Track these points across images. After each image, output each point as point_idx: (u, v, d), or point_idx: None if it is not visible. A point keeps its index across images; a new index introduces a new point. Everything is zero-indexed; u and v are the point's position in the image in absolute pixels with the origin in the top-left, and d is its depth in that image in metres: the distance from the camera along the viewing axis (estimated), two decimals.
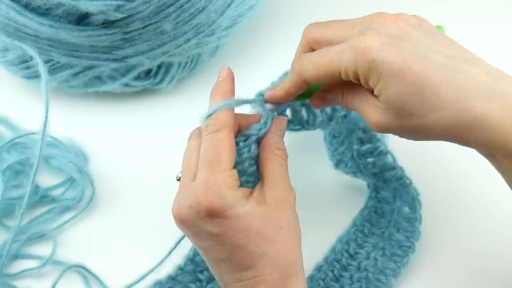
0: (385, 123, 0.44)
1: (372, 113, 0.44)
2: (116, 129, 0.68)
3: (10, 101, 0.70)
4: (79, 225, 0.61)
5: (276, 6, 0.77)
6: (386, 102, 0.42)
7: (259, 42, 0.74)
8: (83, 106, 0.69)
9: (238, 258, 0.46)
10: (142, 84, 0.67)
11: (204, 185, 0.44)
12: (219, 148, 0.46)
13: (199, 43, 0.65)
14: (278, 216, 0.46)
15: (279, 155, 0.48)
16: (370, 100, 0.44)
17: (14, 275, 0.58)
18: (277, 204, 0.46)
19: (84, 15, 0.59)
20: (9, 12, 0.59)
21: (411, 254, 0.57)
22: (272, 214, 0.46)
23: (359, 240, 0.59)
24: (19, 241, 0.59)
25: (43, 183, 0.63)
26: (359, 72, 0.42)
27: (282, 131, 0.50)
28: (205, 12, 0.62)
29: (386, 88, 0.41)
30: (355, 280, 0.56)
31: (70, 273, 0.58)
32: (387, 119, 0.43)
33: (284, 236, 0.46)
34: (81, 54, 0.63)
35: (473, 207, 0.62)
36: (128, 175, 0.64)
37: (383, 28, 0.43)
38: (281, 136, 0.50)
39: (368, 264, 0.57)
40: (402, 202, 0.59)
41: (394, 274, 0.56)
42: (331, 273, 0.57)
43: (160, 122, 0.68)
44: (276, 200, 0.46)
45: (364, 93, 0.45)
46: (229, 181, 0.45)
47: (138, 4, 0.58)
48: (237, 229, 0.45)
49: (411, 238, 0.57)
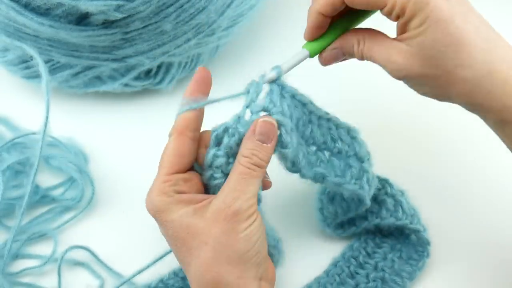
0: (409, 68, 0.44)
1: (396, 56, 0.45)
2: (116, 129, 0.68)
3: (10, 101, 0.70)
4: (79, 225, 0.61)
5: (276, 6, 0.77)
6: (419, 46, 0.43)
7: (259, 42, 0.74)
8: (83, 106, 0.69)
9: (178, 260, 0.47)
10: (142, 84, 0.67)
11: (150, 187, 0.46)
12: (164, 153, 0.47)
13: (199, 43, 0.65)
14: (207, 230, 0.43)
15: (242, 162, 0.44)
16: (394, 44, 0.45)
17: (15, 274, 0.58)
18: (213, 217, 0.43)
19: (84, 15, 0.59)
20: (9, 12, 0.59)
21: (426, 259, 0.56)
22: (202, 226, 0.43)
23: (377, 240, 0.58)
24: (19, 240, 0.59)
25: (43, 183, 0.63)
26: (408, 7, 0.43)
27: (264, 135, 0.45)
28: (205, 12, 0.62)
29: (426, 32, 0.43)
30: (371, 279, 0.56)
31: (72, 267, 0.59)
32: (412, 64, 0.44)
33: (206, 251, 0.43)
34: (81, 54, 0.63)
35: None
36: (128, 175, 0.64)
37: None
38: (260, 140, 0.45)
39: (385, 264, 0.57)
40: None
41: (410, 277, 0.56)
42: (347, 269, 0.57)
43: (160, 122, 0.68)
44: (213, 212, 0.43)
45: (385, 38, 0.46)
46: (161, 187, 0.45)
47: (138, 4, 0.58)
48: (167, 234, 0.45)
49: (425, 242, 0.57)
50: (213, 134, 0.47)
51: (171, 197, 0.45)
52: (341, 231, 0.59)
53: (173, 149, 0.46)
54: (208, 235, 0.43)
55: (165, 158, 0.46)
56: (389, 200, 0.56)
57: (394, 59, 0.45)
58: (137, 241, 0.60)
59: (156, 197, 0.45)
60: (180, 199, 0.45)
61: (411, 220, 0.56)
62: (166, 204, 0.45)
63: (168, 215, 0.44)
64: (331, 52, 0.49)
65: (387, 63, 0.45)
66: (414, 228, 0.56)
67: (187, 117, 0.47)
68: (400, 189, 0.57)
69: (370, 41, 0.47)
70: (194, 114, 0.47)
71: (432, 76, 0.44)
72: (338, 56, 0.49)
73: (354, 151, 0.52)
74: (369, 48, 0.47)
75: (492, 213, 0.61)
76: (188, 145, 0.47)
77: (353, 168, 0.51)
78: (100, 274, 0.58)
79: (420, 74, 0.44)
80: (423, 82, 0.45)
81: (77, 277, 0.58)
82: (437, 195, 0.62)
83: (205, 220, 0.43)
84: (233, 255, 0.43)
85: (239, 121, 0.46)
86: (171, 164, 0.46)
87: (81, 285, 0.57)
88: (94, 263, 0.59)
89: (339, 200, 0.56)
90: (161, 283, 0.57)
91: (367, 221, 0.57)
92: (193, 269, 0.44)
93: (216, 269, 0.43)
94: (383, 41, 0.46)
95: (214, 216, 0.43)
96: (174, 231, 0.44)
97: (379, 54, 0.46)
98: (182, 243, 0.44)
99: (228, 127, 0.46)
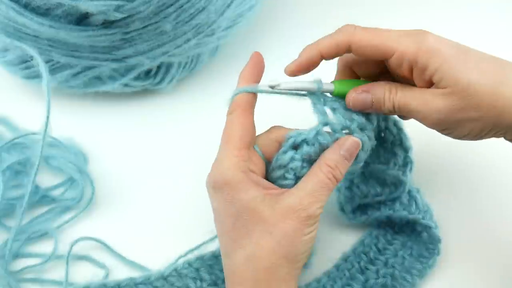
0: (450, 107, 0.44)
1: (434, 102, 0.45)
2: (116, 129, 0.68)
3: (10, 101, 0.70)
4: (79, 225, 0.61)
5: (276, 6, 0.77)
6: (451, 83, 0.43)
7: (259, 42, 0.74)
8: (83, 106, 0.69)
9: (223, 242, 0.47)
10: (142, 84, 0.67)
11: (216, 159, 0.47)
12: (230, 128, 0.47)
13: (199, 43, 0.65)
14: (275, 221, 0.44)
15: (325, 171, 0.46)
16: (426, 91, 0.45)
17: (17, 272, 0.58)
18: (284, 212, 0.44)
19: (84, 15, 0.59)
20: (9, 12, 0.59)
21: (436, 256, 0.56)
22: (269, 216, 0.44)
23: (388, 237, 0.59)
24: (19, 240, 0.59)
25: (43, 183, 0.63)
26: (420, 54, 0.44)
27: (348, 152, 0.47)
28: (205, 12, 0.62)
29: (449, 70, 0.43)
30: (381, 275, 0.56)
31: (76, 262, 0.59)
32: (452, 102, 0.44)
33: (268, 241, 0.44)
34: (81, 54, 0.63)
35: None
36: (128, 175, 0.64)
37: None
38: (343, 156, 0.46)
39: (396, 261, 0.57)
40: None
41: (420, 275, 0.56)
42: (357, 264, 0.57)
43: (160, 122, 0.69)
44: (286, 208, 0.44)
45: (416, 87, 0.46)
46: (234, 160, 0.45)
47: (138, 4, 0.58)
48: (227, 210, 0.45)
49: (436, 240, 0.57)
50: (290, 139, 0.48)
51: (245, 173, 0.45)
52: (352, 216, 0.59)
53: (241, 124, 0.47)
54: (274, 226, 0.44)
55: (234, 133, 0.46)
56: (404, 194, 0.56)
57: (430, 100, 0.45)
58: (137, 241, 0.60)
59: (228, 170, 0.45)
60: (253, 179, 0.45)
61: (424, 215, 0.56)
62: (239, 180, 0.45)
63: (239, 192, 0.44)
64: (360, 94, 0.48)
65: (423, 107, 0.45)
66: (426, 223, 0.56)
67: (243, 96, 0.48)
68: (416, 187, 0.58)
69: (402, 88, 0.47)
70: (253, 95, 0.48)
71: (475, 105, 0.44)
72: (366, 101, 0.48)
73: (400, 141, 0.54)
74: (402, 95, 0.46)
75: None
76: (252, 121, 0.48)
77: (398, 156, 0.54)
78: (105, 264, 0.58)
79: (461, 109, 0.44)
80: (467, 115, 0.44)
81: (80, 271, 0.58)
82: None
83: (274, 210, 0.44)
84: (292, 252, 0.44)
85: (319, 133, 0.48)
86: (241, 139, 0.46)
87: (85, 278, 0.57)
88: (97, 256, 0.59)
89: (374, 182, 0.57)
90: (174, 272, 0.57)
91: (380, 211, 0.57)
92: (248, 253, 0.44)
93: (273, 259, 0.44)
94: (415, 88, 0.46)
95: (285, 212, 0.44)
96: (238, 210, 0.44)
97: (413, 99, 0.46)
98: (243, 223, 0.44)
99: (307, 139, 0.48)
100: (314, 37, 0.49)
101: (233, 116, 0.47)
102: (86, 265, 0.59)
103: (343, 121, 0.48)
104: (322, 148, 0.48)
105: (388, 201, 0.57)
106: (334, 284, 0.57)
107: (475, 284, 0.57)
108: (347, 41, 0.46)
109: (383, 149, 0.55)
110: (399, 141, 0.54)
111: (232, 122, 0.47)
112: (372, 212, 0.58)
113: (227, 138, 0.47)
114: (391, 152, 0.54)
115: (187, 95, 0.70)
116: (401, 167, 0.55)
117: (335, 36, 0.47)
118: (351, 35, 0.46)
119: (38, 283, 0.58)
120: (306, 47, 0.48)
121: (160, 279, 0.56)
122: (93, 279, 0.57)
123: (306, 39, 0.48)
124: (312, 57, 0.47)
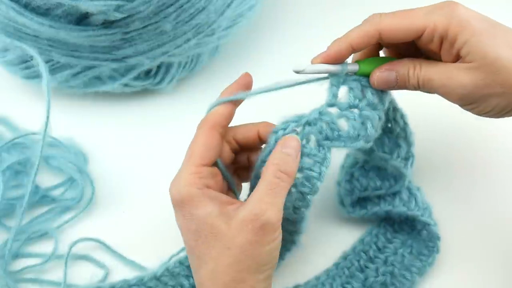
0: (475, 82, 0.44)
1: (458, 76, 0.44)
2: (116, 129, 0.68)
3: (10, 101, 0.70)
4: (79, 225, 0.61)
5: (276, 6, 0.77)
6: (478, 57, 0.43)
7: (259, 42, 0.74)
8: (83, 106, 0.69)
9: (190, 259, 0.46)
10: (142, 84, 0.67)
11: (175, 176, 0.46)
12: (193, 143, 0.47)
13: (199, 43, 0.65)
14: (232, 236, 0.43)
15: (270, 171, 0.44)
16: (451, 65, 0.45)
17: (17, 272, 0.58)
18: (240, 226, 0.43)
19: (84, 15, 0.59)
20: (9, 12, 0.59)
21: (436, 254, 0.57)
22: (226, 231, 0.43)
23: (388, 235, 0.59)
24: (19, 240, 0.59)
25: (43, 183, 0.63)
26: (451, 27, 0.43)
27: (291, 148, 0.45)
28: (205, 12, 0.62)
29: (478, 43, 0.43)
30: (380, 273, 0.56)
31: (76, 262, 0.59)
32: (477, 77, 0.43)
33: (227, 256, 0.43)
34: (81, 54, 0.63)
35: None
36: (128, 175, 0.64)
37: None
38: (285, 153, 0.45)
39: (395, 259, 0.57)
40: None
41: (419, 273, 0.56)
42: (357, 262, 0.58)
43: (160, 122, 0.68)
44: (240, 221, 0.43)
45: (441, 62, 0.46)
46: (190, 178, 0.45)
47: (138, 4, 0.58)
48: (188, 228, 0.45)
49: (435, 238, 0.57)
50: (275, 134, 0.47)
51: (200, 189, 0.45)
52: (351, 210, 0.59)
53: (204, 142, 0.46)
54: (231, 241, 0.43)
55: (195, 149, 0.46)
56: (404, 191, 0.57)
57: (456, 74, 0.44)
58: (136, 241, 0.60)
59: (184, 187, 0.45)
60: (208, 194, 0.45)
61: (423, 213, 0.56)
62: (194, 196, 0.44)
63: (195, 209, 0.44)
64: (383, 73, 0.48)
65: (448, 81, 0.45)
66: (425, 221, 0.56)
67: (220, 112, 0.47)
68: (417, 186, 0.58)
69: (426, 64, 0.46)
70: (227, 111, 0.48)
71: (502, 81, 0.43)
72: (390, 79, 0.47)
73: (405, 134, 0.55)
74: (427, 70, 0.46)
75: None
76: (217, 140, 0.47)
77: (401, 148, 0.55)
78: (105, 264, 0.58)
79: (487, 85, 0.44)
80: (493, 91, 0.44)
81: (80, 271, 0.58)
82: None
83: (229, 226, 0.43)
84: (253, 265, 0.43)
85: (322, 113, 0.47)
86: (201, 156, 0.46)
87: (85, 279, 0.58)
88: (97, 256, 0.59)
89: (374, 175, 0.57)
90: (166, 272, 0.57)
91: (379, 206, 0.57)
92: (210, 268, 0.44)
93: (233, 274, 0.43)
94: (440, 63, 0.46)
95: (239, 225, 0.43)
96: (198, 226, 0.44)
97: (438, 74, 0.45)
98: (204, 240, 0.44)
99: (309, 120, 0.47)
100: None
101: (198, 132, 0.47)
102: (86, 265, 0.59)
103: (352, 100, 0.48)
104: (329, 127, 0.47)
105: (388, 196, 0.57)
106: (334, 282, 0.57)
107: (474, 282, 0.57)
108: (376, 30, 0.46)
109: (388, 139, 0.55)
110: (404, 134, 0.55)
111: (197, 138, 0.47)
112: (371, 206, 0.58)
113: (189, 154, 0.47)
114: (396, 143, 0.55)
115: (187, 95, 0.70)
116: (403, 160, 0.55)
117: (363, 28, 0.47)
118: (379, 24, 0.46)
119: (38, 283, 0.58)
120: (335, 41, 0.47)
121: (153, 279, 0.56)
122: (92, 279, 0.57)
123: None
124: (341, 50, 0.47)
